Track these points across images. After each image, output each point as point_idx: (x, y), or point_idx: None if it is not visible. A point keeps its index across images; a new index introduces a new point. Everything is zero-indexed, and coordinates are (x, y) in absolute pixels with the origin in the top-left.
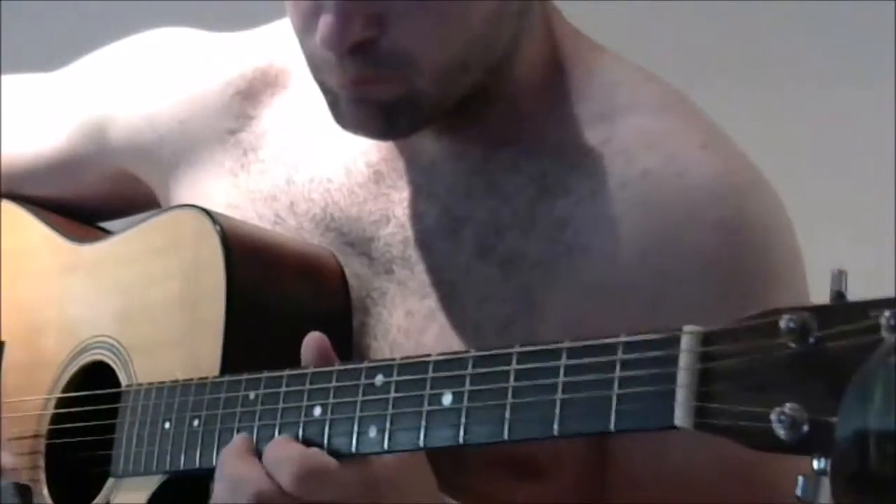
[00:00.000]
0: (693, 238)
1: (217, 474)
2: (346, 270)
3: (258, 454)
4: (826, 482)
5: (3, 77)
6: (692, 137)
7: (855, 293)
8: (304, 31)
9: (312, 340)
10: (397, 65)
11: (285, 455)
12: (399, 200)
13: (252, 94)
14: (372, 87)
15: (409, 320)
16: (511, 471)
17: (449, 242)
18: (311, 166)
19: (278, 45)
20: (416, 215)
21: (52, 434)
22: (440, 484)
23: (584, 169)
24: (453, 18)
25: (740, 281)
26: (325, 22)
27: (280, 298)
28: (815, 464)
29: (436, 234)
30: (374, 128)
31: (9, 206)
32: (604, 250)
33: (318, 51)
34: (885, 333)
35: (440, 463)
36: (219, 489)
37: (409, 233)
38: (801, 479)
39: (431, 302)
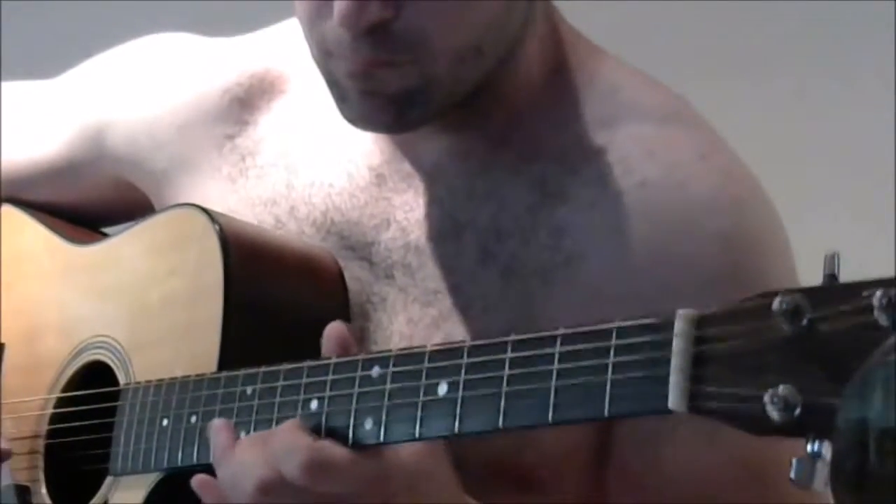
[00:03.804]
0: (692, 249)
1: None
2: (347, 274)
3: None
4: (820, 465)
5: (3, 83)
6: (692, 147)
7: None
8: (316, 16)
9: (334, 330)
10: (411, 48)
11: (293, 444)
12: (400, 204)
13: (249, 99)
14: (384, 72)
15: (412, 328)
16: (512, 483)
17: (451, 247)
18: (311, 170)
19: (276, 51)
20: (418, 219)
21: (51, 434)
22: None
23: (584, 175)
24: (469, 5)
25: (738, 293)
26: (342, 3)
27: (278, 297)
28: (809, 446)
29: (437, 239)
30: (383, 121)
31: (9, 210)
32: (603, 259)
33: (330, 35)
34: (877, 314)
35: None
36: (221, 476)
37: (411, 237)
38: (794, 461)
39: (434, 310)
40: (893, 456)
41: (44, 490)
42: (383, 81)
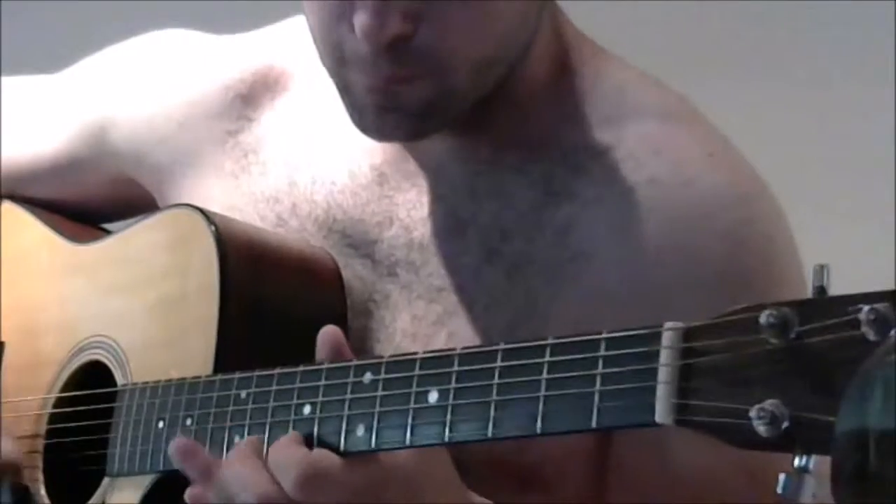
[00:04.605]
0: (700, 247)
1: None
2: (349, 273)
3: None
4: (808, 479)
5: (4, 79)
6: (698, 145)
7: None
8: (333, 22)
9: (327, 335)
10: (431, 62)
11: (288, 458)
12: (403, 202)
13: (252, 97)
14: (403, 87)
15: (416, 325)
16: (515, 482)
17: (454, 245)
18: (313, 168)
19: (279, 48)
20: (421, 217)
21: (49, 434)
22: None
23: (590, 173)
24: (488, 16)
25: (747, 290)
26: (363, 16)
27: (274, 298)
28: (797, 461)
29: (441, 237)
30: (399, 136)
31: (9, 207)
32: (609, 257)
33: (348, 45)
34: (864, 328)
35: None
36: (216, 488)
37: (413, 235)
38: (782, 476)
39: (439, 307)
40: (894, 457)
41: (43, 490)
42: (402, 97)
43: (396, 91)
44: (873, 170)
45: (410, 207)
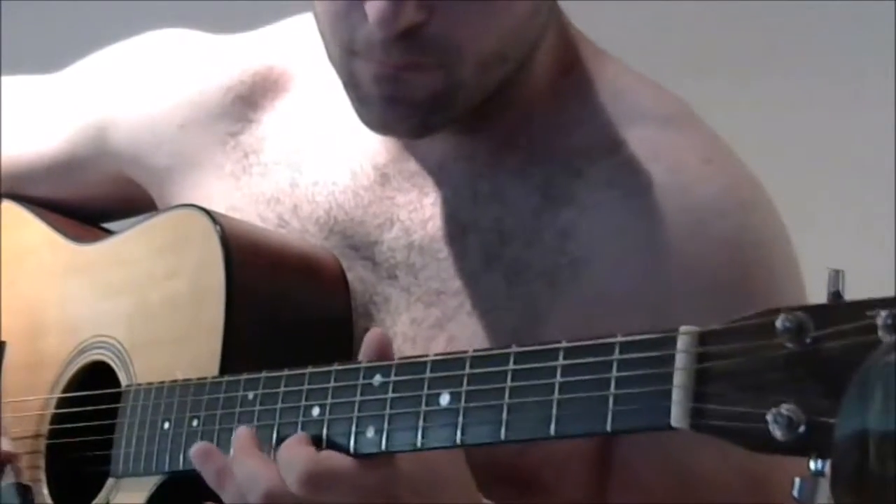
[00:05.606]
0: (698, 252)
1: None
2: (350, 274)
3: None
4: (823, 483)
5: (4, 78)
6: (696, 150)
7: (857, 294)
8: (343, 15)
9: (374, 337)
10: (442, 52)
11: (294, 457)
12: (404, 203)
13: (252, 98)
14: (411, 75)
15: (416, 329)
16: (516, 485)
17: (454, 249)
18: (315, 169)
19: (279, 48)
20: (421, 220)
21: (52, 434)
22: None
23: (589, 178)
24: (500, 9)
25: (745, 296)
26: (378, 4)
27: (280, 299)
28: (812, 465)
29: (441, 240)
30: (405, 129)
31: (10, 206)
32: (607, 262)
33: (359, 35)
34: (881, 333)
35: None
36: (230, 487)
37: (414, 237)
38: (797, 480)
39: (438, 311)
40: (893, 458)
41: (45, 490)
42: (409, 86)
43: (404, 79)
44: (873, 170)
45: (411, 209)
